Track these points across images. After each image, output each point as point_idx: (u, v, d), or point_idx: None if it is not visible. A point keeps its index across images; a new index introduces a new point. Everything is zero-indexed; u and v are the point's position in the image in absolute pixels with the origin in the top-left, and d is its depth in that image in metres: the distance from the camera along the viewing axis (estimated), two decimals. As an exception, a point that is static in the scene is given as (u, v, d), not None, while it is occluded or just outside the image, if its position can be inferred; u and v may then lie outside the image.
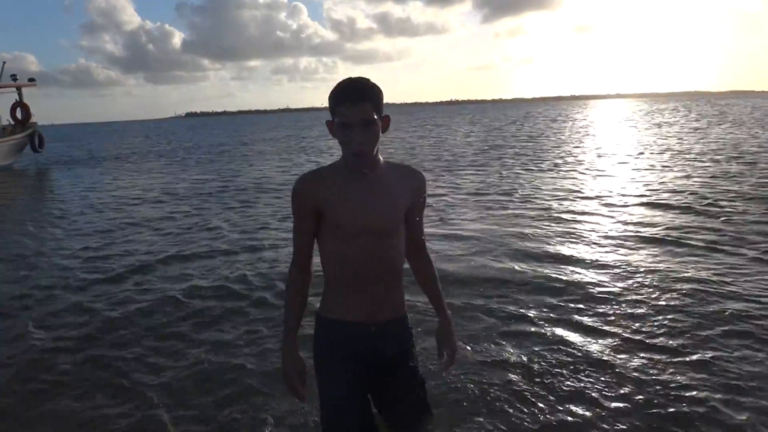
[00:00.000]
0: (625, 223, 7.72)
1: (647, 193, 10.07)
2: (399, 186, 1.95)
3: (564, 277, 5.39)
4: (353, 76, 1.87)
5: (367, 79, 1.84)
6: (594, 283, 5.23)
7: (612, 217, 8.23)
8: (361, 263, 1.93)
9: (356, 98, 1.78)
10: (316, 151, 25.66)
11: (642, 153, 17.37)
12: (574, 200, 9.73)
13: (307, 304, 2.05)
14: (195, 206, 11.02)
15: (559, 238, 7.02)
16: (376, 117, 1.80)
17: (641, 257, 6.03)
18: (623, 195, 9.98)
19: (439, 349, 2.07)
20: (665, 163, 14.36)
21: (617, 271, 5.56)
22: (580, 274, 5.52)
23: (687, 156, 15.78)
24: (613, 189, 10.68)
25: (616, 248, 6.40)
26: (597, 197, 9.88)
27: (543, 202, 9.68)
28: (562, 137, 26.39)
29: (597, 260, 5.95)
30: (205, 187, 14.05)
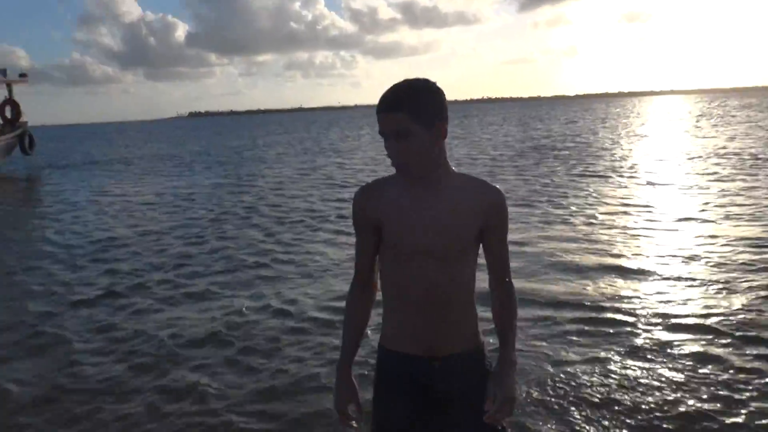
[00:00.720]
0: (697, 237, 7.60)
1: (710, 204, 9.90)
2: (466, 203, 1.87)
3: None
4: (411, 77, 1.83)
5: (412, 84, 1.80)
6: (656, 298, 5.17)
7: (679, 231, 8.10)
8: (416, 290, 1.89)
9: (387, 107, 1.77)
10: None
11: (702, 156, 17.09)
12: (633, 213, 9.58)
13: (366, 327, 2.04)
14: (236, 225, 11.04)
15: (624, 258, 6.91)
16: (413, 127, 1.76)
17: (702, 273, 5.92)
18: (684, 208, 9.82)
19: (488, 392, 1.86)
20: (731, 170, 14.10)
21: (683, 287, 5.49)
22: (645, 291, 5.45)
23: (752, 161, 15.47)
24: (672, 200, 10.52)
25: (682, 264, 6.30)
26: (653, 208, 9.76)
27: (594, 213, 9.56)
28: (614, 139, 26.14)
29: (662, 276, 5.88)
30: (235, 208, 14.18)
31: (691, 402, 3.58)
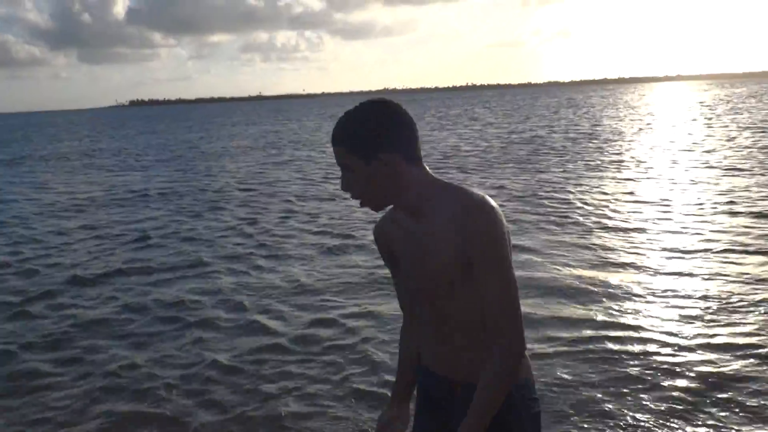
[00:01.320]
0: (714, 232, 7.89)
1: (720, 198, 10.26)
2: (448, 231, 1.80)
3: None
4: (365, 101, 1.89)
5: (357, 110, 1.85)
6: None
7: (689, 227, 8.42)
8: (424, 324, 2.04)
9: (331, 139, 1.87)
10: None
11: (712, 150, 17.55)
12: (637, 209, 9.88)
13: (417, 359, 2.18)
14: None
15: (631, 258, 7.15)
16: (351, 161, 1.83)
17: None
18: (694, 202, 10.16)
19: None
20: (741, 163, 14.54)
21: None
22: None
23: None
24: (680, 194, 10.88)
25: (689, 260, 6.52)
26: (661, 203, 10.14)
27: (598, 213, 9.84)
28: (617, 129, 26.67)
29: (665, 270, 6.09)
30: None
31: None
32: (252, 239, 9.28)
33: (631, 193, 11.36)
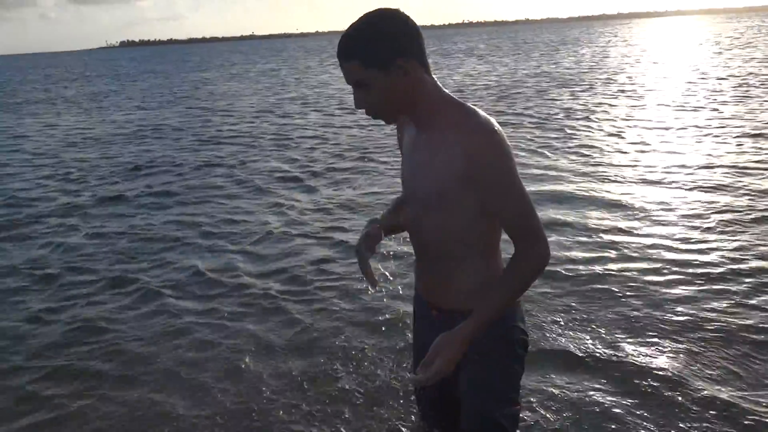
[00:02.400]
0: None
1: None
2: (450, 146, 1.84)
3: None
4: (369, 11, 1.85)
5: (364, 21, 1.81)
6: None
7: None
8: (413, 236, 2.10)
9: (340, 55, 1.82)
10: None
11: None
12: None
13: None
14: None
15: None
16: (369, 74, 1.80)
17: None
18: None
19: (426, 356, 1.90)
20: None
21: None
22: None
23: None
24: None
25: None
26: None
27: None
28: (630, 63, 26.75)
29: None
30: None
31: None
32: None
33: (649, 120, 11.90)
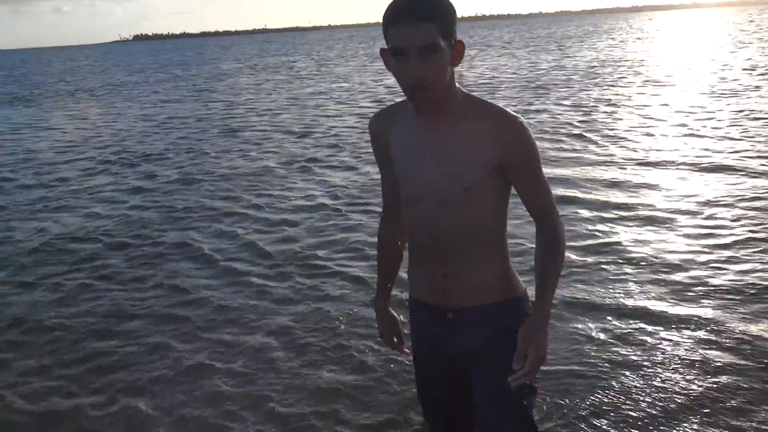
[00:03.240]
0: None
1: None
2: (476, 137, 1.81)
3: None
4: None
5: None
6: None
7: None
8: (423, 235, 1.94)
9: (415, 16, 1.64)
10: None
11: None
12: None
13: (401, 259, 2.24)
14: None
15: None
16: (442, 43, 1.69)
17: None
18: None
19: (518, 349, 1.80)
20: None
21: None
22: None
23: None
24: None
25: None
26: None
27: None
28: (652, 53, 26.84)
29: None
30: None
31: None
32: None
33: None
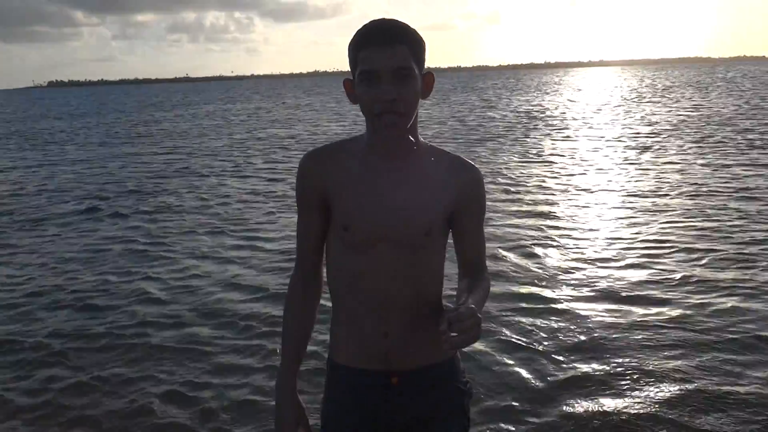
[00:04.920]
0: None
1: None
2: (438, 180, 1.75)
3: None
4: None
5: (403, 23, 1.65)
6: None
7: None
8: (371, 285, 1.75)
9: (387, 38, 1.59)
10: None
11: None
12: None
13: (312, 329, 1.88)
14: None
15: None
16: (415, 69, 1.62)
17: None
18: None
19: (456, 303, 1.62)
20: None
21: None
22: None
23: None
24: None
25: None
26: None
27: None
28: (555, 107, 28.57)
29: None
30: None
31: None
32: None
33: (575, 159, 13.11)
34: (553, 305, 5.41)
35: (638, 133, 17.93)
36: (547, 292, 5.73)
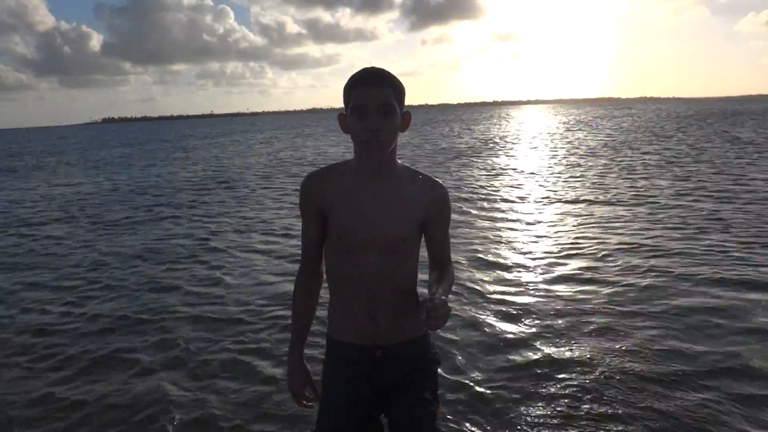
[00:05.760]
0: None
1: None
2: (413, 196, 1.76)
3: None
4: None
5: (386, 71, 1.68)
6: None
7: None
8: (359, 282, 1.78)
9: (376, 80, 1.64)
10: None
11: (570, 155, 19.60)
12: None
13: (315, 312, 1.95)
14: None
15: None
16: (396, 107, 1.66)
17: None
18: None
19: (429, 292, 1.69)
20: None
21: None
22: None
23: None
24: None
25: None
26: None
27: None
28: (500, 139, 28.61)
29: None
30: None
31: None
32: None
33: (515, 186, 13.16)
34: (506, 289, 5.21)
35: (570, 153, 18.19)
36: (501, 280, 5.50)
